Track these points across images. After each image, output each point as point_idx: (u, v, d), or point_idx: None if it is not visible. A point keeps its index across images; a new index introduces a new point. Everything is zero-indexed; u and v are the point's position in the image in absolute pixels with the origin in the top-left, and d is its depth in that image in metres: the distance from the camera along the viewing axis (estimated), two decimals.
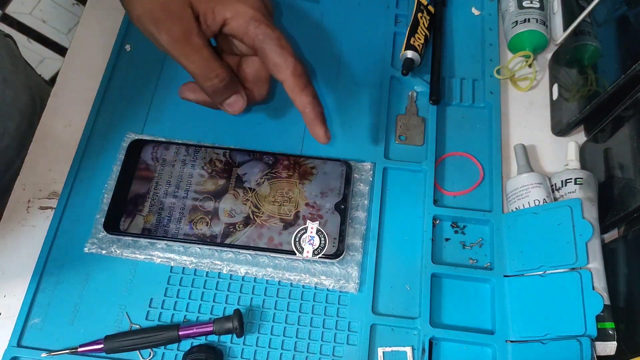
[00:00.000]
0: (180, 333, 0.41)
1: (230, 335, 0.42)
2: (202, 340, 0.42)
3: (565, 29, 0.52)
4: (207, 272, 0.45)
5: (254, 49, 0.42)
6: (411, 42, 0.52)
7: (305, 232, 0.45)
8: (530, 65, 0.53)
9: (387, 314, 0.44)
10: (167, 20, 0.39)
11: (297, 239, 0.44)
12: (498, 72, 0.53)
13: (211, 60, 0.41)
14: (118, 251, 0.45)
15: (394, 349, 0.42)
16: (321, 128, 0.43)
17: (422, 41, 0.53)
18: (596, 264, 0.42)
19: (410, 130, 0.51)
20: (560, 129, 0.50)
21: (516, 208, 0.46)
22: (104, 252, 0.45)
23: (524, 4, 0.54)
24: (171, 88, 0.53)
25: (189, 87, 0.46)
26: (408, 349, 0.42)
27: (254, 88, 0.47)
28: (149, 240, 0.45)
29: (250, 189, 0.46)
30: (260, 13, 0.40)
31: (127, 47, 0.54)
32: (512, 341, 0.42)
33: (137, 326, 0.43)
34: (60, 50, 1.34)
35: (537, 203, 0.45)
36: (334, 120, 0.51)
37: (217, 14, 0.40)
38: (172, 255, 0.45)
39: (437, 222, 0.47)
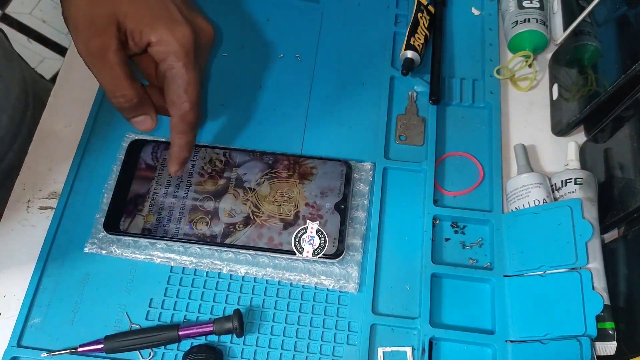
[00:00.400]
0: (180, 333, 0.41)
1: (230, 335, 0.42)
2: (202, 340, 0.42)
3: (565, 29, 0.52)
4: (207, 272, 0.45)
5: (162, 78, 0.42)
6: (411, 42, 0.52)
7: (305, 232, 0.45)
8: (530, 65, 0.53)
9: (387, 314, 0.44)
10: (87, 31, 0.39)
11: (297, 239, 0.44)
12: (498, 72, 0.53)
13: (121, 79, 0.41)
14: (118, 251, 0.45)
15: (394, 349, 0.42)
16: (175, 166, 0.44)
17: (422, 41, 0.53)
18: (596, 264, 0.42)
19: (410, 130, 0.51)
20: (560, 129, 0.50)
21: (516, 208, 0.46)
22: (104, 252, 0.45)
23: (524, 4, 0.54)
24: None
25: None
26: (408, 349, 0.42)
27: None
28: (149, 240, 0.45)
29: (250, 189, 0.46)
30: (183, 49, 0.40)
31: None
32: (512, 341, 0.42)
33: (137, 326, 0.43)
34: (60, 50, 1.34)
35: (537, 203, 0.45)
36: (334, 120, 0.51)
37: (144, 35, 0.40)
38: (172, 255, 0.45)
39: (437, 222, 0.47)
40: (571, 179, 0.45)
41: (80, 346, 0.41)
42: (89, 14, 0.39)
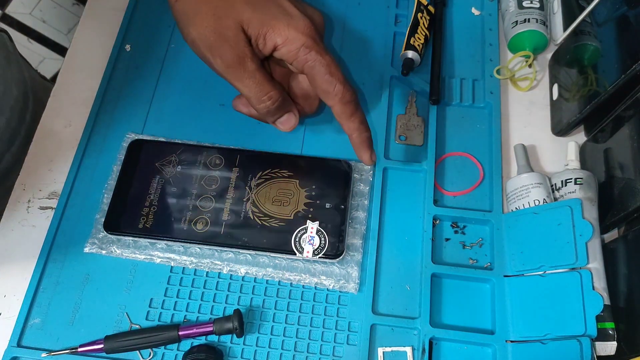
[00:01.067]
0: (180, 333, 0.41)
1: (230, 335, 0.42)
2: (202, 340, 0.42)
3: (565, 29, 0.52)
4: (207, 272, 0.45)
5: (304, 74, 0.42)
6: (411, 42, 0.52)
7: (305, 232, 0.45)
8: (530, 65, 0.53)
9: (387, 314, 0.44)
10: (220, 46, 0.40)
11: (297, 239, 0.44)
12: (498, 72, 0.53)
13: (264, 83, 0.41)
14: (118, 251, 0.45)
15: (394, 349, 0.42)
16: (367, 152, 0.45)
17: (422, 41, 0.53)
18: (596, 264, 0.42)
19: (410, 130, 0.51)
20: (560, 129, 0.50)
21: (516, 208, 0.46)
22: (104, 252, 0.45)
23: (524, 4, 0.54)
24: (171, 88, 0.53)
25: (242, 100, 0.47)
26: (408, 349, 0.42)
27: (305, 104, 0.47)
28: (149, 240, 0.45)
29: (250, 188, 0.46)
30: (310, 39, 0.40)
31: (127, 47, 0.54)
32: (512, 341, 0.42)
33: (137, 326, 0.43)
34: (60, 50, 1.34)
35: (537, 203, 0.45)
36: (334, 120, 0.51)
37: (268, 40, 0.40)
38: (172, 255, 0.45)
39: (437, 222, 0.47)
40: (571, 179, 0.45)
41: (80, 346, 0.42)
42: (217, 29, 0.40)
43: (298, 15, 0.41)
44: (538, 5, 0.54)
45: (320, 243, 0.44)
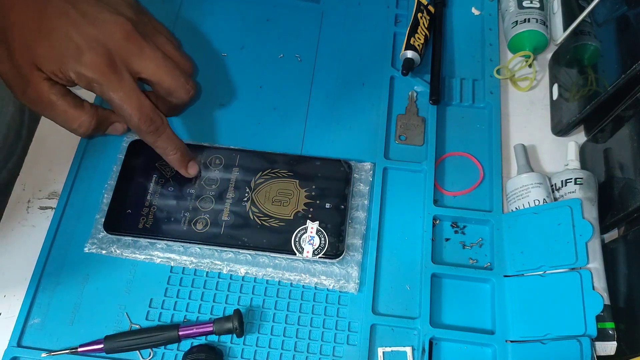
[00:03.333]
0: (180, 333, 0.41)
1: (230, 335, 0.42)
2: (202, 340, 0.42)
3: (565, 29, 0.52)
4: (207, 272, 0.45)
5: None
6: (411, 42, 0.52)
7: (305, 232, 0.45)
8: (530, 65, 0.53)
9: (387, 314, 0.44)
10: (18, 84, 0.42)
11: (297, 239, 0.44)
12: (498, 72, 0.53)
13: (68, 111, 0.43)
14: (118, 251, 0.45)
15: (394, 349, 0.42)
16: (181, 169, 0.46)
17: (422, 41, 0.53)
18: (596, 264, 0.42)
19: (410, 130, 0.51)
20: (560, 129, 0.50)
21: (516, 208, 0.46)
22: (104, 252, 0.45)
23: (524, 4, 0.54)
24: None
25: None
26: (408, 349, 0.42)
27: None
28: (149, 240, 0.45)
29: (250, 188, 0.46)
30: (99, 75, 0.41)
31: None
32: (512, 341, 0.42)
33: (137, 326, 0.43)
34: None
35: (537, 203, 0.45)
36: (334, 120, 0.51)
37: (64, 74, 0.41)
38: (172, 255, 0.45)
39: (437, 222, 0.47)
40: (571, 179, 0.45)
41: (80, 346, 0.41)
42: (14, 66, 0.41)
43: (86, 48, 0.41)
44: (538, 5, 0.54)
45: (320, 243, 0.44)
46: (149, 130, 0.43)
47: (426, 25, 0.54)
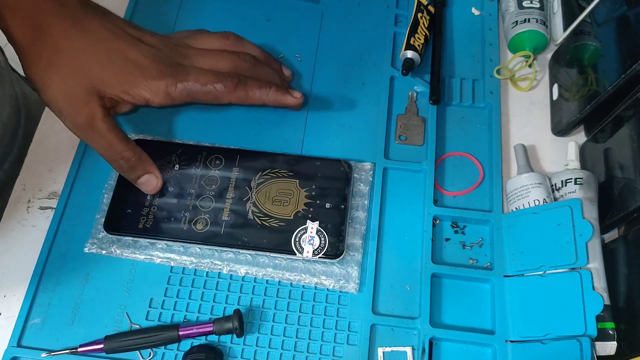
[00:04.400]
0: (180, 333, 0.41)
1: (230, 335, 0.42)
2: (202, 340, 0.42)
3: (565, 29, 0.52)
4: (207, 272, 0.45)
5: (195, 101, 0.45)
6: (411, 42, 0.52)
7: (305, 232, 0.45)
8: (530, 65, 0.53)
9: (387, 314, 0.44)
10: (71, 109, 0.42)
11: (297, 239, 0.44)
12: (498, 72, 0.53)
13: (115, 143, 0.43)
14: (118, 251, 0.45)
15: (394, 349, 0.42)
16: (286, 96, 0.48)
17: (422, 41, 0.53)
18: (596, 264, 0.42)
19: (410, 130, 0.51)
20: (560, 129, 0.50)
21: (516, 208, 0.46)
22: (104, 252, 0.45)
23: (524, 4, 0.54)
24: None
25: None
26: (408, 349, 0.42)
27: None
28: (149, 240, 0.45)
29: (250, 188, 0.46)
30: (169, 77, 0.43)
31: None
32: (512, 341, 0.42)
33: (137, 326, 0.43)
34: None
35: (537, 203, 0.45)
36: (334, 120, 0.51)
37: (136, 96, 0.43)
38: (172, 255, 0.45)
39: (437, 222, 0.47)
40: (571, 179, 0.45)
41: (80, 346, 0.42)
42: (68, 92, 0.41)
43: (150, 63, 0.43)
44: (538, 5, 0.54)
45: (320, 243, 0.44)
46: (235, 86, 0.45)
47: (426, 25, 0.54)
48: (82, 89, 0.41)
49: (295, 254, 0.44)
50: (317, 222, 0.45)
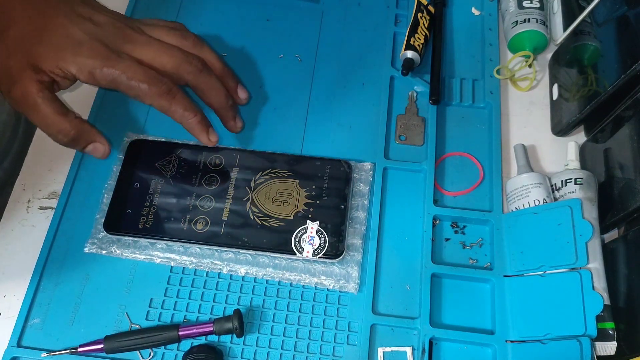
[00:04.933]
0: (180, 333, 0.41)
1: (230, 335, 0.42)
2: (202, 340, 0.42)
3: (565, 29, 0.52)
4: (207, 272, 0.45)
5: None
6: (411, 42, 0.52)
7: (305, 232, 0.45)
8: (530, 65, 0.53)
9: (387, 314, 0.44)
10: (6, 82, 0.42)
11: (297, 239, 0.44)
12: (498, 72, 0.53)
13: (50, 116, 0.42)
14: (118, 251, 0.45)
15: (394, 349, 0.42)
16: (201, 134, 0.45)
17: (422, 41, 0.53)
18: (596, 264, 0.42)
19: (410, 130, 0.51)
20: (560, 129, 0.50)
21: (516, 208, 0.46)
22: (104, 252, 0.45)
23: (524, 4, 0.54)
24: None
25: None
26: (408, 349, 0.42)
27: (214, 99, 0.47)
28: (149, 240, 0.45)
29: (250, 189, 0.46)
30: (99, 59, 0.42)
31: None
32: (512, 341, 0.42)
33: (137, 326, 0.43)
34: None
35: (537, 203, 0.45)
36: (334, 120, 0.51)
37: (64, 71, 0.42)
38: (172, 255, 0.45)
39: (437, 222, 0.47)
40: (571, 179, 0.45)
41: (80, 346, 0.41)
42: (5, 67, 0.41)
43: (86, 39, 0.42)
44: (538, 5, 0.54)
45: (320, 243, 0.44)
46: (161, 92, 0.43)
47: (426, 25, 0.54)
48: (18, 64, 0.41)
49: (295, 254, 0.44)
50: (317, 222, 0.45)
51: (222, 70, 0.48)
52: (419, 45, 0.52)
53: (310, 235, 0.44)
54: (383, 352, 0.42)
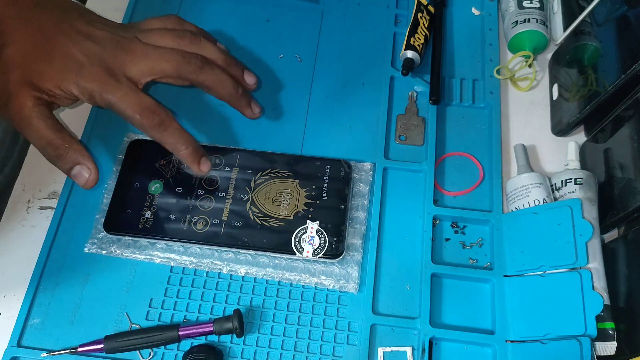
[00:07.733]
0: (180, 333, 0.41)
1: (230, 335, 0.42)
2: (202, 340, 0.42)
3: (565, 29, 0.52)
4: (207, 272, 0.45)
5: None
6: (411, 42, 0.52)
7: (305, 232, 0.45)
8: (530, 65, 0.53)
9: (387, 314, 0.44)
10: (3, 96, 0.42)
11: (297, 239, 0.44)
12: (498, 72, 0.53)
13: (42, 130, 0.42)
14: (118, 251, 0.45)
15: (394, 349, 0.42)
16: (193, 165, 0.45)
17: (422, 41, 0.53)
18: (596, 264, 0.42)
19: (410, 130, 0.51)
20: (560, 129, 0.50)
21: (516, 208, 0.46)
22: (104, 252, 0.45)
23: (524, 4, 0.54)
24: (171, 88, 0.52)
25: None
26: (408, 349, 0.42)
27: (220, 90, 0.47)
28: (149, 240, 0.45)
29: (250, 189, 0.46)
30: (98, 83, 0.42)
31: None
32: (512, 341, 0.42)
33: (137, 326, 0.43)
34: None
35: (537, 203, 0.45)
36: (334, 120, 0.51)
37: (66, 91, 0.42)
38: (172, 255, 0.45)
39: (437, 222, 0.47)
40: (571, 179, 0.45)
41: (80, 346, 0.42)
42: (2, 81, 0.42)
43: (86, 61, 0.43)
44: (538, 5, 0.54)
45: (320, 243, 0.44)
46: (152, 124, 0.43)
47: (426, 25, 0.54)
48: (16, 79, 0.42)
49: (295, 254, 0.44)
50: (317, 222, 0.45)
51: (225, 60, 0.48)
52: (419, 45, 0.52)
53: (310, 235, 0.44)
54: (383, 352, 0.42)
